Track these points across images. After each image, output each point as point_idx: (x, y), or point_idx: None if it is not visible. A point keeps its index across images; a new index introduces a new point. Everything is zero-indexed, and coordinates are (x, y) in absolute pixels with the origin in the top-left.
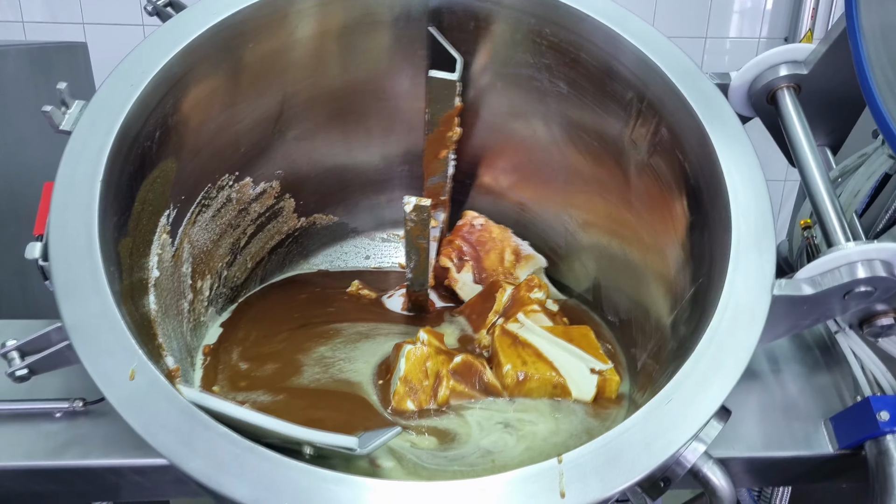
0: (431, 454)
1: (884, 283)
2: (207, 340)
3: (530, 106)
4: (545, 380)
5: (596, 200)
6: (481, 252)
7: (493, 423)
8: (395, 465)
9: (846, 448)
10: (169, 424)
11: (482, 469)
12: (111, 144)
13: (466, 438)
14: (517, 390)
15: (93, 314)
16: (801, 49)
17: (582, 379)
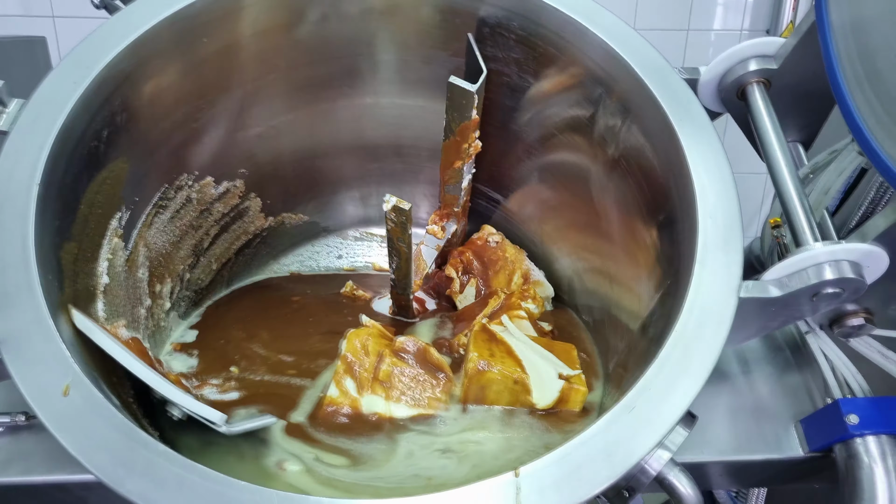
0: (342, 471)
1: (852, 284)
2: (173, 340)
3: (501, 101)
4: (506, 376)
5: (567, 198)
6: (490, 271)
7: (429, 450)
8: (301, 470)
9: (816, 451)
10: (105, 444)
11: (413, 488)
12: (51, 145)
13: (383, 464)
14: (475, 381)
15: (26, 325)
16: (771, 43)
17: (546, 381)
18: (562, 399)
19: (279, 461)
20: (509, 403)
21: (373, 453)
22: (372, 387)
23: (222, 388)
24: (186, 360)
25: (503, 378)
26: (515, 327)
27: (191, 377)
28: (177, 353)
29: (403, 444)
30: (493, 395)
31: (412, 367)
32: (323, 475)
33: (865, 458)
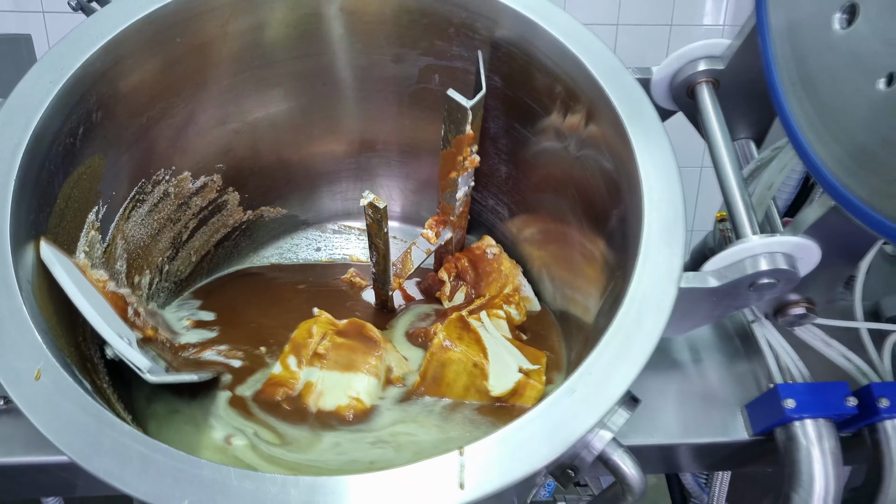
0: (279, 450)
1: (785, 275)
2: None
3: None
4: (468, 357)
5: (535, 192)
6: (483, 281)
7: (360, 443)
8: (246, 445)
9: (760, 434)
10: (73, 424)
11: (357, 468)
12: (27, 142)
13: (308, 449)
14: (436, 357)
15: (1, 315)
16: (718, 44)
17: (505, 372)
18: (516, 391)
19: (227, 435)
20: (465, 387)
21: (299, 438)
22: (310, 360)
23: (226, 354)
24: (205, 333)
25: (464, 359)
26: (492, 325)
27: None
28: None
29: (328, 437)
30: (451, 375)
31: (347, 339)
32: (265, 452)
33: (803, 441)
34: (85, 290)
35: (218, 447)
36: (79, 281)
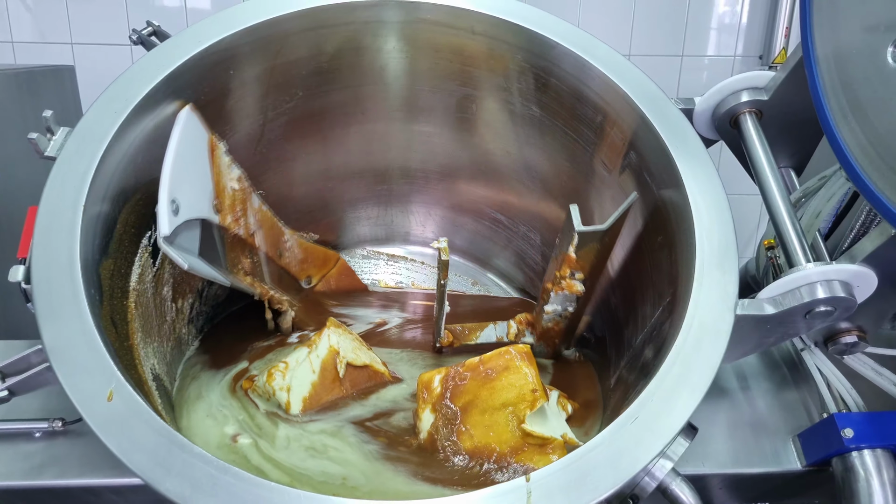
0: (265, 444)
1: (843, 303)
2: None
3: (504, 128)
4: (528, 382)
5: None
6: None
7: (298, 443)
8: (251, 444)
9: (813, 464)
10: (145, 445)
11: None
12: (94, 170)
13: (273, 441)
14: (503, 357)
15: (73, 336)
16: (761, 76)
17: (545, 422)
18: (540, 444)
19: (234, 434)
20: (503, 403)
21: (263, 426)
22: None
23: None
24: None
25: (524, 380)
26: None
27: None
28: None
29: (283, 429)
30: (503, 383)
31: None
32: (264, 451)
33: (862, 472)
34: (187, 156)
35: (226, 444)
36: (189, 147)
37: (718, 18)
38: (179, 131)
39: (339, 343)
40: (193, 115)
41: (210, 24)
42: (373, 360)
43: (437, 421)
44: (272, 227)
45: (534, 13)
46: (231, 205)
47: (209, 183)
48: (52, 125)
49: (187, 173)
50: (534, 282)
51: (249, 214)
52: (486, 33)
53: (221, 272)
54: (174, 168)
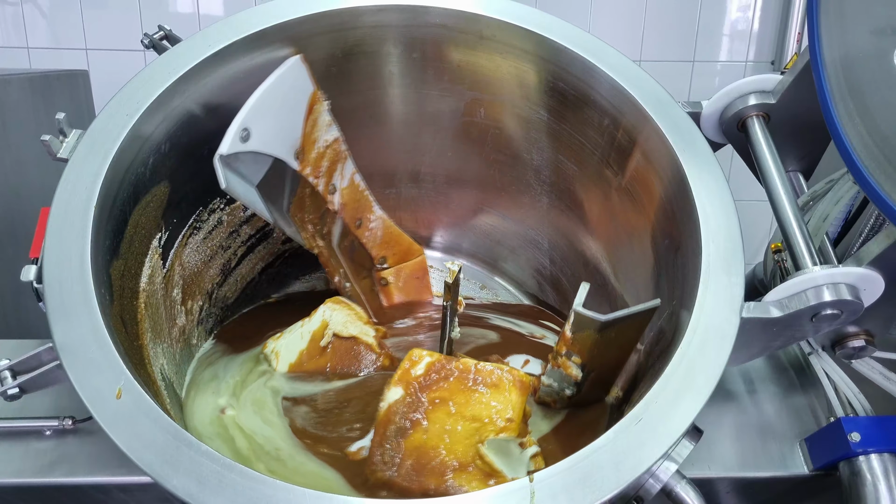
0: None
1: (850, 307)
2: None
3: (512, 132)
4: (506, 401)
5: (576, 223)
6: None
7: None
8: (232, 416)
9: (820, 469)
10: (153, 443)
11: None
12: (106, 171)
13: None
14: (493, 373)
15: (83, 335)
16: (769, 80)
17: (511, 457)
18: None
19: (223, 406)
20: (474, 416)
21: (248, 383)
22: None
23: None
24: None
25: (507, 399)
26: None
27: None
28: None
29: (254, 385)
30: (481, 394)
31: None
32: (237, 419)
33: (869, 476)
34: (278, 97)
35: (216, 418)
36: (285, 91)
37: (730, 24)
38: (280, 73)
39: (331, 317)
40: (302, 66)
41: (221, 27)
42: (363, 333)
43: (403, 400)
44: (359, 199)
45: (543, 18)
46: (317, 159)
47: (297, 131)
48: (65, 127)
49: (273, 112)
50: (542, 287)
51: (336, 177)
52: (495, 38)
53: (274, 211)
54: (259, 101)
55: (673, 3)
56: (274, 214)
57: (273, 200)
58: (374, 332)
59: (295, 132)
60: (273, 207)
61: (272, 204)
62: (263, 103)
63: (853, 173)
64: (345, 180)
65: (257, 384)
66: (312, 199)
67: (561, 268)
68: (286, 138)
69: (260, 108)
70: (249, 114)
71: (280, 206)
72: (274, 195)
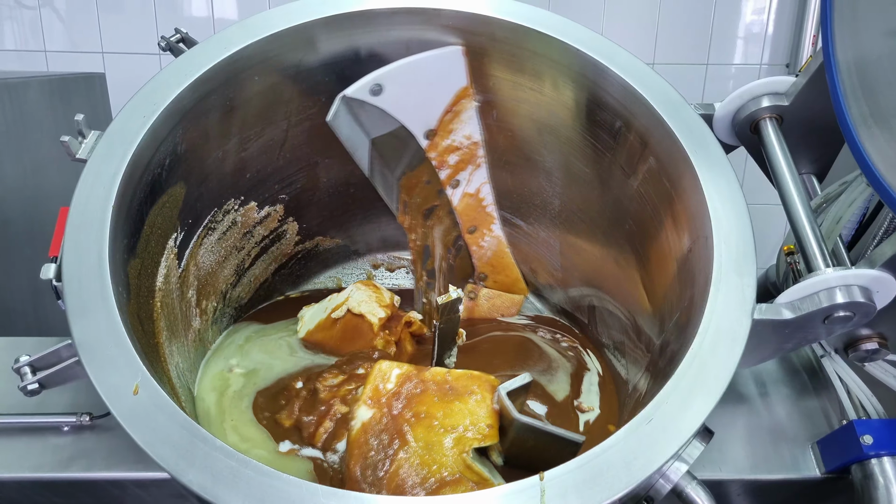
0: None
1: (862, 308)
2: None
3: (524, 133)
4: (476, 417)
5: (588, 225)
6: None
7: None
8: (241, 373)
9: (832, 471)
10: (169, 438)
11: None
12: (123, 172)
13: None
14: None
15: (101, 332)
16: (782, 81)
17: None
18: (454, 482)
19: (231, 366)
20: (469, 412)
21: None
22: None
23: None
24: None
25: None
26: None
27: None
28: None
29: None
30: (475, 399)
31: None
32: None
33: (881, 479)
34: (425, 75)
35: (223, 374)
36: (436, 73)
37: (745, 27)
38: (435, 54)
39: (353, 294)
40: (461, 59)
41: (236, 30)
42: (371, 312)
43: (378, 419)
44: (479, 209)
45: (555, 20)
46: (447, 149)
47: (436, 113)
48: (84, 129)
49: (415, 84)
50: (553, 288)
51: (462, 175)
52: (507, 40)
53: (379, 169)
54: (401, 67)
55: (686, 6)
56: (375, 170)
57: (386, 161)
58: (384, 314)
59: (432, 113)
60: (380, 165)
61: (383, 163)
62: (406, 71)
63: (867, 175)
64: (471, 185)
65: (273, 338)
66: (428, 182)
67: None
68: (421, 114)
69: (401, 74)
70: (387, 73)
71: (391, 168)
72: (390, 157)
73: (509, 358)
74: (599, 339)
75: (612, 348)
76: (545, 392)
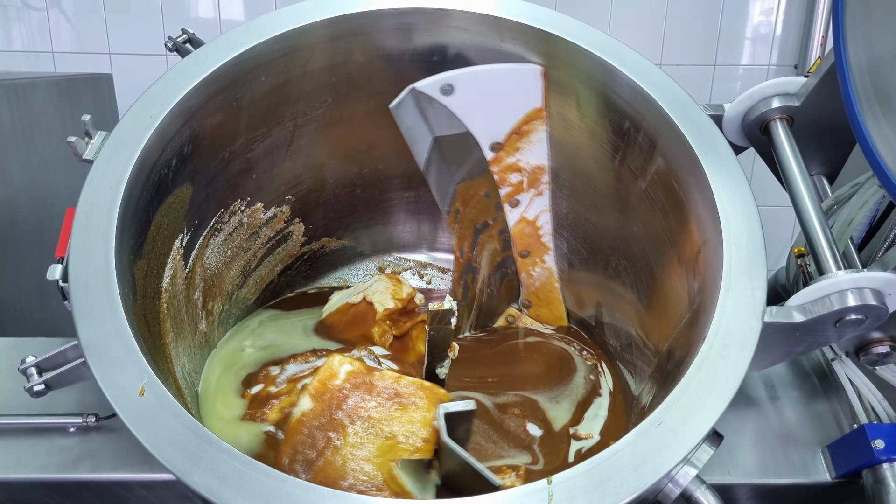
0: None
1: (874, 312)
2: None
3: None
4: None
5: (596, 227)
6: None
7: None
8: (253, 351)
9: (843, 476)
10: (175, 440)
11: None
12: (130, 172)
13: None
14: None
15: (107, 333)
16: (793, 82)
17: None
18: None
19: (244, 346)
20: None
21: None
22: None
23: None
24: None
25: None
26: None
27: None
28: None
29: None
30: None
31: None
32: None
33: (893, 484)
34: (500, 88)
35: (236, 352)
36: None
37: (753, 28)
38: (513, 68)
39: (374, 283)
40: (539, 80)
41: (243, 31)
42: (380, 302)
43: (318, 413)
44: (534, 234)
45: (563, 21)
46: (510, 167)
47: (504, 129)
48: (90, 129)
49: (487, 94)
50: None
51: (523, 197)
52: (515, 41)
53: (437, 167)
54: (476, 73)
55: (694, 7)
56: (432, 166)
57: (447, 162)
58: (392, 306)
59: (500, 127)
60: (439, 164)
61: (442, 162)
62: (481, 78)
63: (879, 177)
64: (530, 211)
65: (291, 321)
66: (486, 195)
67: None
68: (488, 125)
69: (475, 80)
70: (461, 76)
71: (450, 171)
72: (451, 159)
73: (540, 367)
74: (607, 342)
75: (619, 351)
76: (545, 417)
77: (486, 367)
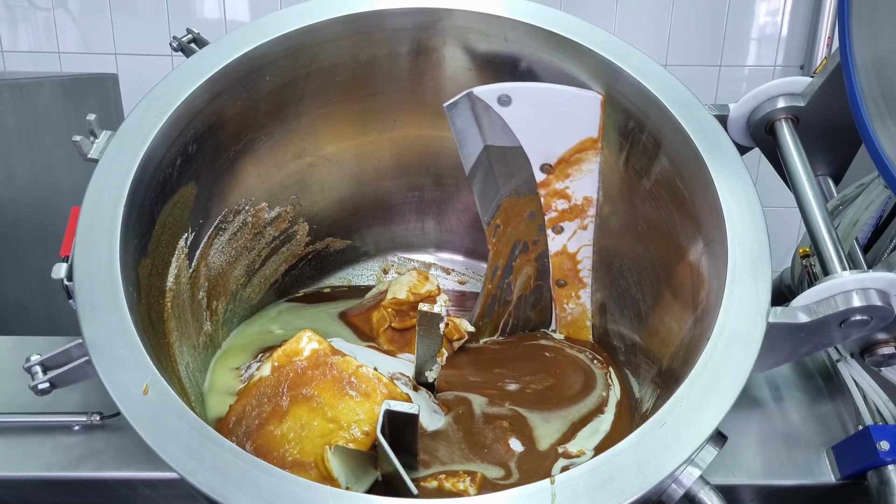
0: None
1: (880, 312)
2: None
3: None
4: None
5: (600, 227)
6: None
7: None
8: (282, 333)
9: (848, 477)
10: (179, 438)
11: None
12: (135, 172)
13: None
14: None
15: (111, 332)
16: (798, 82)
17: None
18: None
19: (271, 329)
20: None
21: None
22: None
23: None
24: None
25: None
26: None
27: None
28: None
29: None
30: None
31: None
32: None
33: None
34: (556, 111)
35: (264, 334)
36: (567, 115)
37: (758, 28)
38: (574, 92)
39: (403, 276)
40: (597, 109)
41: (247, 31)
42: (393, 292)
43: (272, 381)
44: (573, 269)
45: (567, 20)
46: (557, 193)
47: (556, 152)
48: (95, 128)
49: (543, 114)
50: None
51: (567, 225)
52: (520, 40)
53: (484, 176)
54: (536, 90)
55: (699, 7)
56: (479, 173)
57: (495, 173)
58: (402, 297)
59: (553, 150)
60: (486, 172)
61: (490, 172)
62: (540, 97)
63: (885, 177)
64: (572, 243)
65: (313, 311)
66: (531, 216)
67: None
68: (541, 144)
69: (533, 96)
70: (521, 89)
71: (498, 183)
72: (500, 171)
73: (559, 375)
74: (613, 344)
75: (623, 353)
76: (531, 436)
77: (501, 370)
